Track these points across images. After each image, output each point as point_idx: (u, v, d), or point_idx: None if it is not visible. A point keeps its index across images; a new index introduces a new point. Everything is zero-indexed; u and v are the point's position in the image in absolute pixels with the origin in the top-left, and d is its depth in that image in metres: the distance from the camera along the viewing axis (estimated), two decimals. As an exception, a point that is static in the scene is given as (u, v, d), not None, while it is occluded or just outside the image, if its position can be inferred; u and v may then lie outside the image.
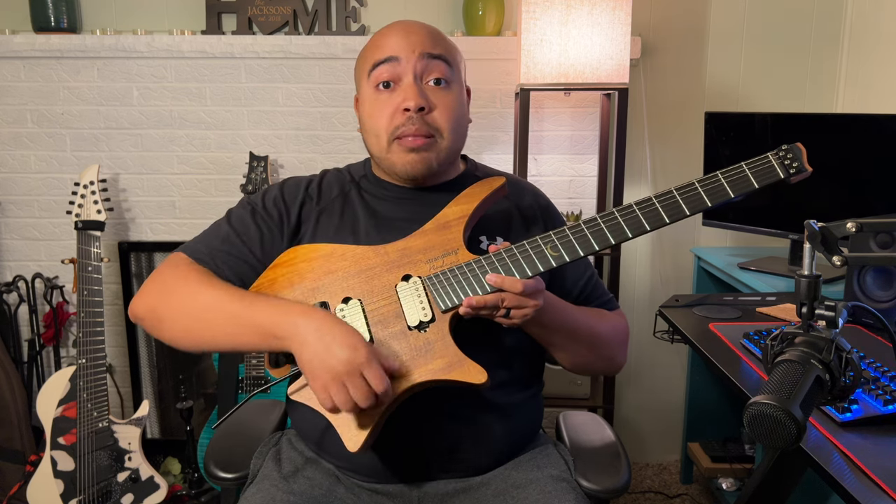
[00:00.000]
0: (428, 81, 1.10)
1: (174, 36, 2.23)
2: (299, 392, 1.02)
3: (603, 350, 1.19)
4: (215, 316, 1.01)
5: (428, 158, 1.09)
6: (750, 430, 0.71)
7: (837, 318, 0.80)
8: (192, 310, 1.03)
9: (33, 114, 2.31)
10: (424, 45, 1.09)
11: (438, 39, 1.12)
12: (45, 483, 1.94)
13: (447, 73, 1.11)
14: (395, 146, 1.09)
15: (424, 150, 1.09)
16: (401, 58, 1.08)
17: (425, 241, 1.05)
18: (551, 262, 0.99)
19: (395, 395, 0.97)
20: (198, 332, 1.03)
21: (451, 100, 1.11)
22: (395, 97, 1.08)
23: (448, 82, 1.11)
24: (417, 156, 1.09)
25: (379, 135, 1.10)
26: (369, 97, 1.12)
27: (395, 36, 1.10)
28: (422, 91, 1.08)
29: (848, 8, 2.30)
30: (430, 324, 1.00)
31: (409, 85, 1.08)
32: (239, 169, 2.33)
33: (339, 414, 0.97)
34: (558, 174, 2.37)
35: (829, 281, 1.87)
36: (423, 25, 1.13)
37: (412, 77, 1.08)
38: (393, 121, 1.08)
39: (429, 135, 1.08)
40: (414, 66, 1.08)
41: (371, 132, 1.12)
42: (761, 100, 2.38)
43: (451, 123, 1.10)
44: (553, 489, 1.06)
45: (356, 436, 0.96)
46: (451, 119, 1.10)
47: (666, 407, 2.59)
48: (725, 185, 0.95)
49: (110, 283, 2.38)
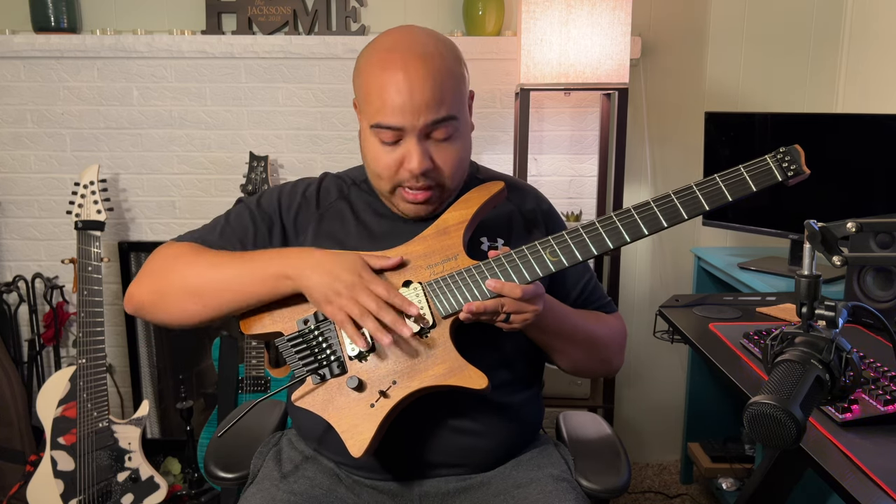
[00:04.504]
0: (432, 136, 1.05)
1: (174, 36, 2.23)
2: (303, 399, 1.02)
3: (601, 353, 1.19)
4: (219, 274, 1.06)
5: (430, 208, 1.10)
6: (750, 430, 0.71)
7: (837, 318, 0.80)
8: (194, 276, 1.07)
9: (33, 114, 2.31)
10: (430, 112, 1.01)
11: (444, 94, 1.02)
12: (45, 483, 1.94)
13: (452, 130, 1.05)
14: (399, 193, 1.09)
15: (427, 202, 1.08)
16: (405, 128, 1.02)
17: (425, 247, 1.05)
18: (550, 267, 0.99)
19: (397, 400, 0.98)
20: (205, 296, 1.06)
21: (456, 152, 1.07)
22: (399, 152, 1.04)
23: (453, 137, 1.06)
24: (421, 206, 1.09)
25: (381, 177, 1.08)
26: (371, 141, 1.06)
27: (399, 100, 1.00)
28: (426, 151, 1.03)
29: (848, 8, 2.30)
30: (430, 329, 1.00)
31: (414, 147, 1.03)
32: (239, 169, 2.33)
33: (342, 420, 0.99)
34: (558, 174, 2.37)
35: (829, 281, 1.87)
36: (427, 78, 1.01)
37: (416, 140, 1.02)
38: (397, 175, 1.05)
39: (433, 187, 1.07)
40: (418, 133, 1.03)
41: (372, 171, 1.09)
42: (761, 100, 2.38)
43: (453, 173, 1.08)
44: (553, 489, 1.06)
45: (360, 441, 0.97)
46: (455, 170, 1.08)
47: (666, 407, 2.59)
48: (723, 189, 0.95)
49: (110, 283, 2.38)
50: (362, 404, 0.99)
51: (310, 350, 1.03)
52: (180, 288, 1.08)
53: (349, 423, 0.99)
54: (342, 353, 1.02)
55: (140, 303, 1.11)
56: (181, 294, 1.07)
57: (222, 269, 1.06)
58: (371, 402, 0.99)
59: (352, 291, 0.98)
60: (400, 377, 0.99)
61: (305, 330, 1.04)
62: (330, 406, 1.01)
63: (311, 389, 1.02)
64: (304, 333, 1.03)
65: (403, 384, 0.99)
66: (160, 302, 1.09)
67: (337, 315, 0.99)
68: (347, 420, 0.99)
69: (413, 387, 0.99)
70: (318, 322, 1.04)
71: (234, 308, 1.06)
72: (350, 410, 1.00)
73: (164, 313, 1.10)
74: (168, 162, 2.34)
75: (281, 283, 1.02)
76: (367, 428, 0.98)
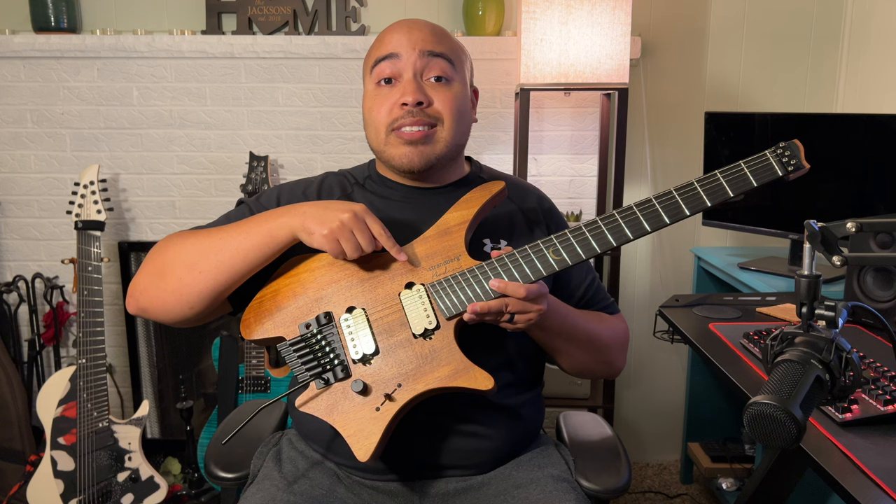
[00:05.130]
0: (428, 78, 1.10)
1: (174, 36, 2.23)
2: (307, 404, 1.02)
3: (603, 354, 1.19)
4: (213, 239, 1.03)
5: (425, 152, 1.09)
6: (750, 430, 0.71)
7: (837, 318, 0.80)
8: (190, 246, 1.04)
9: (33, 114, 2.31)
10: (426, 42, 1.10)
11: (442, 38, 1.12)
12: (45, 483, 1.94)
13: (448, 70, 1.11)
14: (393, 138, 1.09)
15: (422, 143, 1.09)
16: (401, 54, 1.09)
17: (427, 248, 1.05)
18: (553, 265, 0.99)
19: (402, 403, 0.98)
20: (201, 262, 1.02)
21: (452, 95, 1.10)
22: (395, 92, 1.09)
23: (449, 80, 1.11)
24: (415, 149, 1.09)
25: (378, 128, 1.11)
26: (371, 92, 1.13)
27: (397, 33, 1.11)
28: (420, 86, 1.08)
29: (848, 8, 2.30)
30: (434, 331, 1.00)
31: (409, 80, 1.08)
32: (239, 169, 2.33)
33: (347, 425, 0.99)
34: (558, 174, 2.37)
35: (829, 281, 1.87)
36: (427, 24, 1.13)
37: (412, 73, 1.09)
38: (391, 114, 1.09)
39: (428, 124, 1.08)
40: (414, 63, 1.09)
41: (371, 125, 1.13)
42: (761, 100, 2.38)
43: (451, 114, 1.10)
44: (554, 489, 1.06)
45: (366, 445, 0.97)
46: (452, 110, 1.10)
47: (666, 407, 2.59)
48: (724, 185, 0.96)
49: (110, 283, 2.38)
50: (367, 408, 0.99)
51: (313, 354, 1.02)
52: (178, 262, 1.04)
53: (355, 428, 0.98)
54: (346, 356, 1.02)
55: (143, 289, 1.07)
56: (180, 267, 1.03)
57: (215, 235, 1.04)
58: (376, 406, 0.99)
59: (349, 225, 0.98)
60: (405, 380, 0.99)
61: (308, 334, 1.03)
62: (335, 411, 1.00)
63: (316, 394, 1.01)
64: (307, 337, 1.03)
65: (409, 387, 0.99)
66: (163, 282, 1.04)
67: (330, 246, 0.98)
68: (353, 424, 0.99)
69: (418, 389, 0.98)
70: (321, 325, 1.03)
71: (232, 273, 1.02)
72: (355, 415, 0.99)
73: (169, 295, 1.04)
74: (168, 162, 2.34)
75: (277, 230, 1.01)
76: (373, 432, 0.97)
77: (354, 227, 0.98)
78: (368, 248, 0.99)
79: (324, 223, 0.97)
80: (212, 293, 1.03)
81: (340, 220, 0.97)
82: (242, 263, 1.02)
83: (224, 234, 1.04)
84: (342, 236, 0.97)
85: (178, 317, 1.06)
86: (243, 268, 1.02)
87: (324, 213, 0.98)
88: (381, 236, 1.00)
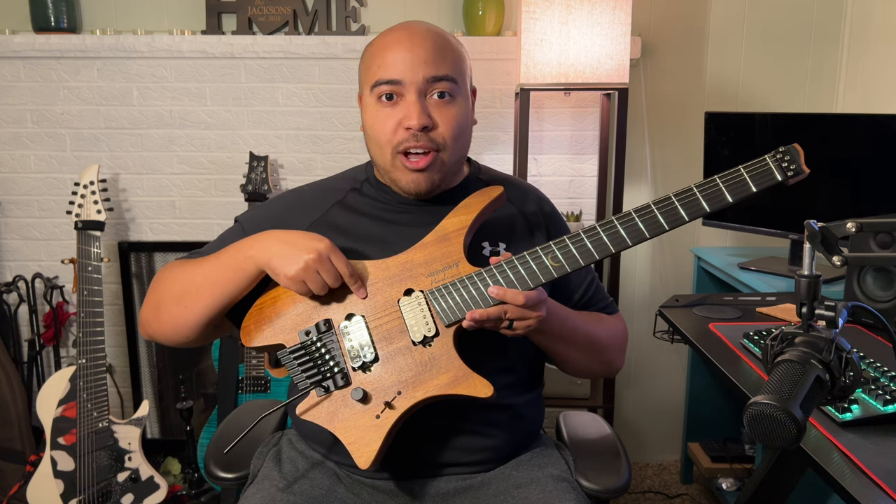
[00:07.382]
0: (432, 94, 1.07)
1: (174, 36, 2.23)
2: (308, 412, 1.02)
3: (602, 355, 1.20)
4: (193, 274, 1.09)
5: (431, 177, 1.10)
6: (750, 430, 0.71)
7: (837, 318, 0.80)
8: (176, 282, 1.11)
9: (33, 114, 2.31)
10: (429, 67, 1.06)
11: (444, 54, 1.08)
12: (45, 483, 1.94)
13: (452, 88, 1.08)
14: (399, 162, 1.09)
15: (427, 169, 1.09)
16: (404, 81, 1.06)
17: (426, 255, 1.04)
18: (552, 272, 0.99)
19: (402, 411, 0.98)
20: (185, 298, 1.08)
21: (455, 114, 1.09)
22: (397, 111, 1.07)
23: (452, 96, 1.09)
24: (421, 175, 1.09)
25: (382, 147, 1.09)
26: (371, 106, 1.10)
27: (399, 52, 1.06)
28: (425, 108, 1.06)
29: (848, 7, 2.30)
30: (434, 338, 1.00)
31: (413, 103, 1.06)
32: (239, 169, 2.33)
33: (347, 432, 0.99)
34: (558, 174, 2.37)
35: (829, 281, 1.87)
36: (429, 38, 1.08)
37: (415, 96, 1.06)
38: (396, 135, 1.07)
39: (432, 150, 1.08)
40: (418, 88, 1.06)
41: (374, 142, 1.11)
42: (761, 100, 2.38)
43: (454, 137, 1.09)
44: (554, 489, 1.06)
45: (367, 453, 0.97)
46: (455, 133, 1.09)
47: (666, 407, 2.59)
48: (724, 191, 0.95)
49: (110, 283, 2.38)
50: (367, 416, 0.99)
51: (313, 362, 1.02)
52: (168, 296, 1.11)
53: (356, 436, 0.99)
54: (345, 364, 1.02)
55: (147, 321, 1.15)
56: (169, 302, 1.10)
57: (196, 268, 1.09)
58: (376, 414, 0.99)
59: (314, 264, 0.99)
60: (405, 387, 0.99)
61: (308, 341, 1.03)
62: (335, 418, 1.00)
63: (316, 402, 1.02)
64: (307, 345, 1.03)
65: (408, 394, 0.99)
66: (159, 316, 1.12)
67: (296, 286, 1.00)
68: (353, 432, 0.99)
69: (418, 397, 0.98)
70: (321, 333, 1.03)
71: (213, 305, 1.07)
72: (355, 422, 0.99)
73: (165, 326, 1.12)
74: (168, 162, 2.34)
75: (245, 263, 1.03)
76: (374, 440, 0.98)
77: (320, 267, 0.99)
78: (335, 284, 1.01)
79: (288, 264, 0.99)
80: (202, 322, 1.09)
81: (305, 262, 0.98)
82: (221, 296, 1.06)
83: (204, 267, 1.08)
84: (307, 277, 0.99)
85: (182, 342, 1.13)
86: (223, 300, 1.07)
87: (289, 253, 0.99)
88: (345, 275, 1.01)
